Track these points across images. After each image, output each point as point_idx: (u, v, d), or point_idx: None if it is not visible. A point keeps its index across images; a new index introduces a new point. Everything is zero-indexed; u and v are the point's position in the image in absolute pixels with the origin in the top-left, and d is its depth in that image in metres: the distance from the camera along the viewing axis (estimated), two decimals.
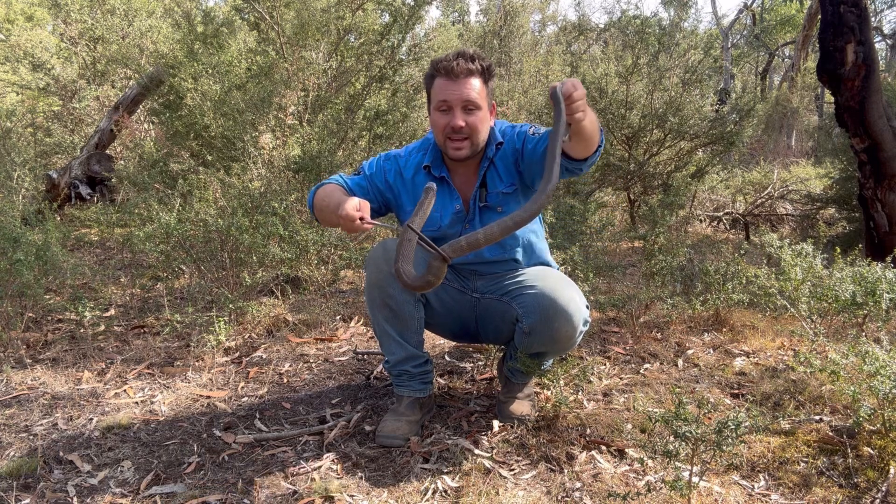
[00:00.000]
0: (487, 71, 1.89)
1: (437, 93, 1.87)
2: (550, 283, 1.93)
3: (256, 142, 4.20)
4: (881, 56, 17.83)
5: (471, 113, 1.86)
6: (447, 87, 1.84)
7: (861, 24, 3.70)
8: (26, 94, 8.49)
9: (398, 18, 4.71)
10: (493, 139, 1.96)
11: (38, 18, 11.43)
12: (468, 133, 1.87)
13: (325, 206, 1.89)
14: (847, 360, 1.89)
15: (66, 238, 4.16)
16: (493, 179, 1.97)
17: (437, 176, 1.97)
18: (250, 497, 1.70)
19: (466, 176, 1.99)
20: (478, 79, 1.86)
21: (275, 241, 3.17)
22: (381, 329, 2.03)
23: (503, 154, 1.96)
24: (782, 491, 1.70)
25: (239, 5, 5.03)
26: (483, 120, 1.89)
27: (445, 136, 1.88)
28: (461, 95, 1.83)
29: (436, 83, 1.88)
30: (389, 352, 2.06)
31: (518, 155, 1.94)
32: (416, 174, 2.00)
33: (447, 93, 1.84)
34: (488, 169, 1.97)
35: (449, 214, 1.98)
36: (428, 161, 1.98)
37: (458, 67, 1.82)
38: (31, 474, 1.83)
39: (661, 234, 3.07)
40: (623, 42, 5.74)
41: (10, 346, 2.78)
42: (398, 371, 2.07)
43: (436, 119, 1.89)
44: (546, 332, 1.91)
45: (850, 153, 4.34)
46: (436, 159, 1.99)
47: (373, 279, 1.95)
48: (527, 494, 1.69)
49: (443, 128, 1.87)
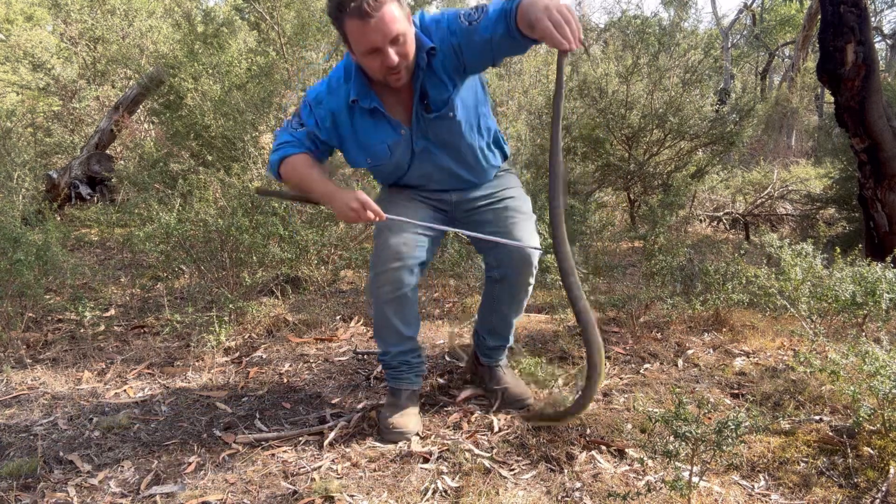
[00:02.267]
0: None
1: (357, 39, 1.66)
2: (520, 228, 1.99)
3: (256, 142, 4.20)
4: (881, 56, 17.82)
5: (399, 43, 1.67)
6: (367, 31, 1.62)
7: (861, 24, 3.70)
8: (26, 94, 8.49)
9: None
10: (422, 45, 1.76)
11: (38, 18, 11.43)
12: (404, 62, 1.70)
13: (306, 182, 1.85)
14: (847, 360, 1.89)
15: (66, 238, 4.16)
16: (435, 86, 1.80)
17: (368, 108, 1.83)
18: (250, 497, 1.70)
19: (399, 97, 1.84)
20: (391, 3, 1.63)
21: (275, 241, 3.17)
22: (386, 321, 2.01)
23: (440, 59, 1.78)
24: (782, 491, 1.70)
25: (239, 5, 5.04)
26: (411, 41, 1.71)
27: (384, 74, 1.72)
28: (386, 34, 1.63)
29: (349, 25, 1.64)
30: (391, 343, 2.06)
31: (459, 54, 1.76)
32: (350, 111, 1.87)
33: (370, 37, 1.63)
34: (425, 78, 1.79)
35: (393, 141, 1.88)
36: (354, 95, 1.82)
37: (369, 6, 1.59)
38: (31, 474, 1.83)
39: (661, 234, 3.07)
40: (623, 42, 5.75)
41: (10, 346, 2.78)
42: (398, 362, 2.09)
43: (367, 62, 1.71)
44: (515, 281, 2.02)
45: (850, 153, 4.33)
46: (361, 90, 1.82)
47: (385, 272, 1.92)
48: (527, 494, 1.69)
49: (378, 69, 1.70)
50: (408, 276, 1.93)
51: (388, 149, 1.90)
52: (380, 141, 1.88)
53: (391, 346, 2.07)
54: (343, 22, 1.65)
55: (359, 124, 1.88)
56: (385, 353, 2.11)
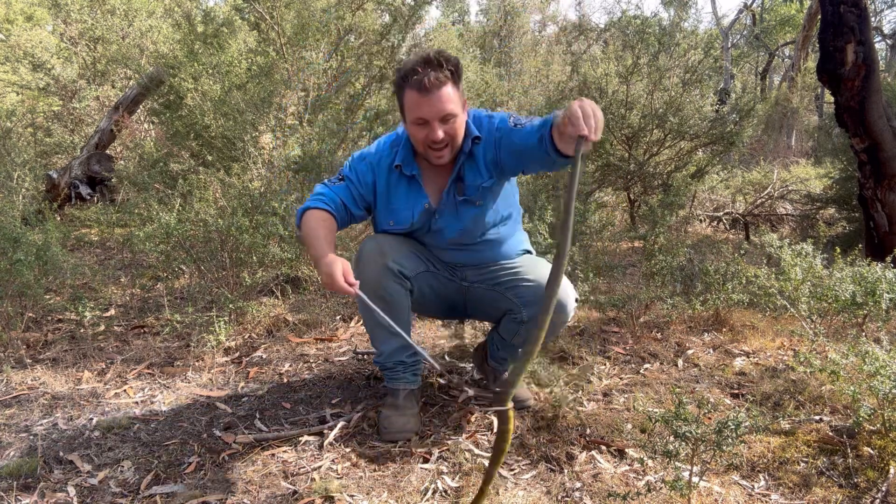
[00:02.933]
0: (456, 72, 1.83)
1: (411, 108, 1.82)
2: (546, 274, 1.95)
3: (256, 142, 4.20)
4: (881, 56, 17.83)
5: (448, 122, 1.83)
6: (421, 104, 1.79)
7: (861, 24, 3.70)
8: (26, 94, 8.49)
9: (398, 18, 4.72)
10: (469, 133, 1.92)
11: (38, 18, 11.43)
12: (448, 141, 1.85)
13: (309, 243, 1.88)
14: (847, 360, 1.89)
15: (66, 238, 4.16)
16: (472, 173, 1.94)
17: (409, 175, 1.97)
18: (250, 497, 1.70)
19: (437, 173, 1.98)
20: (450, 86, 1.80)
21: (275, 241, 3.17)
22: (375, 322, 2.03)
23: (482, 148, 1.93)
24: (782, 491, 1.70)
25: (239, 5, 5.03)
26: (461, 124, 1.87)
27: (426, 147, 1.87)
28: (437, 111, 1.79)
29: (408, 95, 1.82)
30: (384, 343, 2.08)
31: (498, 149, 1.91)
32: (390, 174, 2.00)
33: (423, 110, 1.80)
34: (465, 164, 1.94)
35: (418, 212, 1.99)
36: (399, 160, 1.97)
37: (429, 82, 1.76)
38: (31, 474, 1.83)
39: (661, 234, 3.07)
40: (623, 42, 5.74)
41: (10, 346, 2.78)
42: (393, 363, 2.10)
43: (414, 132, 1.87)
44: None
45: (850, 153, 4.34)
46: (406, 157, 1.97)
47: (367, 274, 1.95)
48: (527, 494, 1.69)
49: (422, 140, 1.85)
50: (388, 276, 1.95)
51: (411, 216, 2.00)
52: (406, 207, 1.99)
53: (384, 344, 2.09)
54: (403, 91, 1.83)
55: (393, 188, 2.00)
56: (379, 354, 2.12)
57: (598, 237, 3.53)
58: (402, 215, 2.00)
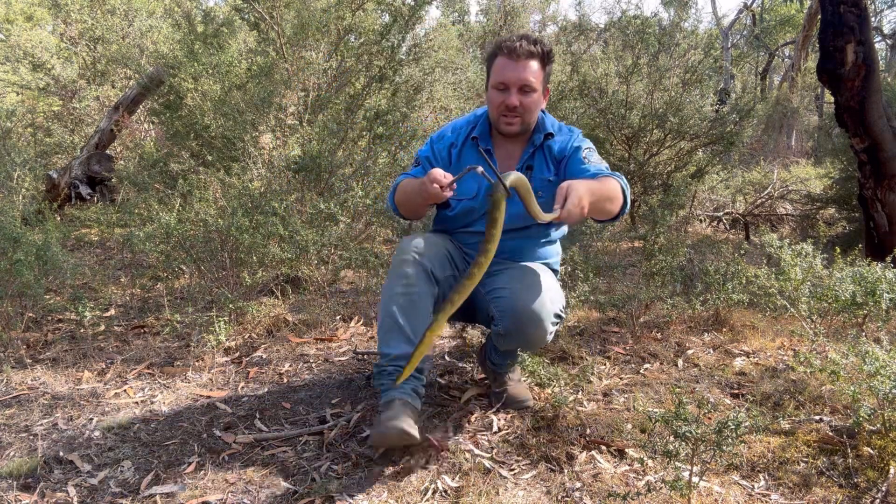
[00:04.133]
0: (547, 56, 1.96)
1: (496, 71, 1.95)
2: (525, 285, 1.95)
3: (256, 142, 4.20)
4: (881, 56, 17.82)
5: (526, 94, 1.94)
6: (507, 68, 1.92)
7: (861, 24, 3.70)
8: (26, 94, 8.49)
9: (398, 18, 4.71)
10: (543, 127, 2.05)
11: (38, 18, 11.43)
12: (521, 112, 1.95)
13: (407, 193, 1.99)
14: (847, 360, 1.89)
15: (66, 238, 4.16)
16: (541, 165, 2.05)
17: (484, 147, 2.06)
18: (250, 497, 1.70)
19: (510, 153, 2.08)
20: (537, 62, 1.93)
21: (275, 241, 3.17)
22: (393, 321, 1.89)
23: (554, 148, 2.04)
24: (782, 491, 1.70)
25: (239, 5, 5.03)
26: (537, 102, 1.98)
27: (500, 112, 1.97)
28: (519, 77, 1.92)
29: (497, 62, 1.95)
30: (394, 346, 1.89)
31: (564, 161, 2.03)
32: (465, 146, 2.10)
33: (506, 73, 1.92)
34: (536, 153, 2.05)
35: (485, 185, 2.01)
36: (477, 133, 2.07)
37: (520, 48, 1.90)
38: (31, 474, 1.83)
39: (661, 234, 3.07)
40: (623, 42, 5.74)
41: (10, 346, 2.78)
42: (394, 368, 1.90)
43: (492, 96, 1.98)
44: (517, 335, 1.97)
45: (850, 153, 4.34)
46: (483, 133, 2.07)
47: (399, 269, 1.92)
48: (527, 494, 1.69)
49: (498, 105, 1.96)
50: (422, 275, 1.91)
51: (477, 187, 2.06)
52: (475, 178, 2.05)
53: (393, 348, 1.91)
54: (495, 58, 1.97)
55: (466, 159, 2.09)
56: (385, 356, 1.93)
57: (598, 237, 3.53)
58: (469, 185, 2.04)
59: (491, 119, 2.05)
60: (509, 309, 1.93)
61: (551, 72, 2.07)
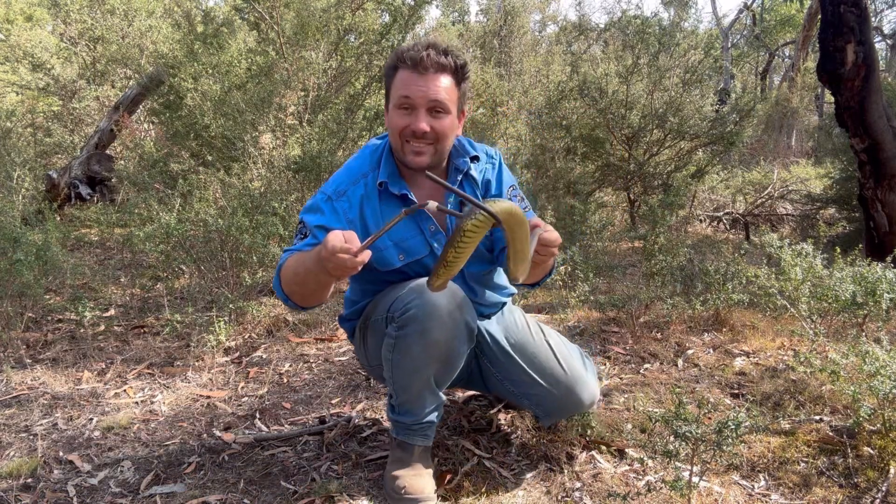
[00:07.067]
0: (461, 70, 1.59)
1: (399, 87, 1.56)
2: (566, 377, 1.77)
3: (256, 142, 4.20)
4: (881, 56, 17.82)
5: (437, 117, 1.56)
6: (412, 82, 1.54)
7: (861, 24, 3.70)
8: (26, 94, 8.50)
9: (398, 18, 4.72)
10: (464, 151, 1.68)
11: (38, 18, 11.43)
12: (432, 139, 1.56)
13: (300, 274, 1.47)
14: (847, 360, 1.89)
15: (66, 238, 4.16)
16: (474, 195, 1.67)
17: (398, 194, 1.63)
18: (250, 497, 1.70)
19: (430, 189, 1.67)
20: (449, 77, 1.56)
21: (275, 241, 3.17)
22: (423, 386, 1.61)
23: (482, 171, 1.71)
24: (782, 491, 1.70)
25: (239, 5, 5.03)
26: (451, 127, 1.59)
27: (404, 139, 1.57)
28: (428, 93, 1.53)
29: (398, 76, 1.56)
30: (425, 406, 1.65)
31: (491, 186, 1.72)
32: (381, 198, 1.64)
33: (411, 88, 1.53)
34: (464, 182, 1.68)
35: (429, 235, 1.65)
36: (383, 177, 1.63)
37: (427, 60, 1.52)
38: (31, 474, 1.83)
39: (661, 234, 3.07)
40: (623, 42, 5.75)
41: (10, 346, 2.78)
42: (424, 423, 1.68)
43: (394, 119, 1.57)
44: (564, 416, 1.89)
45: (850, 153, 4.34)
46: (392, 172, 1.64)
47: (435, 334, 1.52)
48: (527, 494, 1.69)
49: (401, 129, 1.56)
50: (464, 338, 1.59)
51: (425, 242, 1.65)
52: (415, 233, 1.64)
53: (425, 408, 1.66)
54: (396, 71, 1.57)
55: (388, 215, 1.62)
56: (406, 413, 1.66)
57: (598, 237, 3.53)
58: (414, 242, 1.64)
59: (394, 149, 1.63)
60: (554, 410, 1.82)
61: (467, 92, 1.65)
